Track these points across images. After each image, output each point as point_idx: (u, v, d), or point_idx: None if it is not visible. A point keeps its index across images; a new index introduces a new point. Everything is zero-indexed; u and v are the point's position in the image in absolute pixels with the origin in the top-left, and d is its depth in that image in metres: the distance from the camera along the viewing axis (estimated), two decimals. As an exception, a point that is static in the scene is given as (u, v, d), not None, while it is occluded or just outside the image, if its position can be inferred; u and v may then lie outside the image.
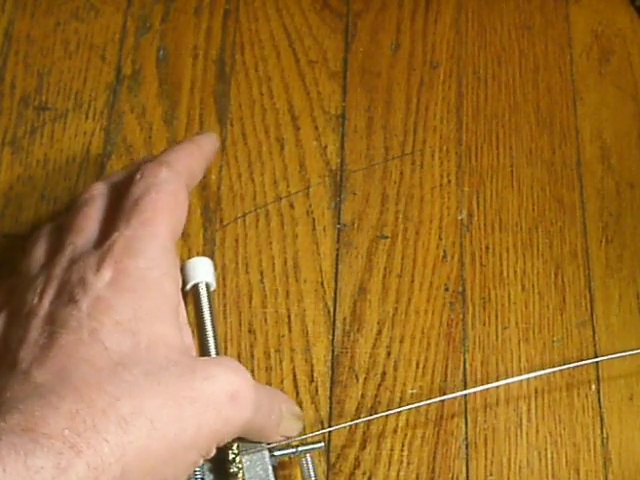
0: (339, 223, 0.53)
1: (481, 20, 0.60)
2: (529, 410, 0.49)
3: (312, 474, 0.43)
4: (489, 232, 0.53)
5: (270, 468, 0.42)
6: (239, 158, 0.55)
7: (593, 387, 0.49)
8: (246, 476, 0.42)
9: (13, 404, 0.35)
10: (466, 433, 0.48)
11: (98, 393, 0.36)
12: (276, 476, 0.42)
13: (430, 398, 0.48)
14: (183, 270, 0.48)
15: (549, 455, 0.48)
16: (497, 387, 0.48)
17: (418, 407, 0.47)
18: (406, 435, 0.48)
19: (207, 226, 0.53)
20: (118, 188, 0.45)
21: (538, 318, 0.51)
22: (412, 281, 0.52)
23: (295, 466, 0.46)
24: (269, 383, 0.48)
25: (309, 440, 0.43)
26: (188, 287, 0.47)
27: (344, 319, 0.50)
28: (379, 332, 0.50)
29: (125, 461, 0.35)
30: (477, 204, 0.54)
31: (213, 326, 0.47)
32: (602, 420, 0.49)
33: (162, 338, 0.39)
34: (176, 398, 0.37)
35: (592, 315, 0.51)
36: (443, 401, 0.48)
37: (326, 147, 0.55)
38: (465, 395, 0.48)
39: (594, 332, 0.51)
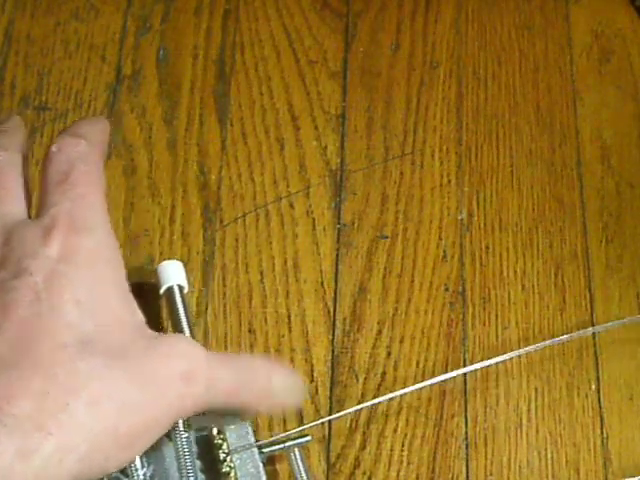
0: (339, 223, 0.53)
1: (481, 20, 0.60)
2: (529, 410, 0.49)
3: (301, 469, 0.43)
4: (489, 232, 0.53)
5: (261, 465, 0.43)
6: (239, 158, 0.55)
7: (593, 387, 0.49)
8: (238, 474, 0.42)
9: None
10: (466, 433, 0.48)
11: (69, 372, 0.35)
12: (266, 472, 0.43)
13: (430, 398, 0.48)
14: (155, 274, 0.47)
15: (549, 455, 0.48)
16: (496, 364, 0.47)
17: (421, 388, 0.46)
18: (406, 435, 0.48)
19: (207, 226, 0.53)
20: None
21: (538, 318, 0.51)
22: (412, 281, 0.52)
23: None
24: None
25: (294, 435, 0.44)
26: (162, 290, 0.47)
27: (344, 319, 0.50)
28: (379, 332, 0.50)
29: (92, 441, 0.35)
30: (477, 204, 0.54)
31: (190, 328, 0.46)
32: (602, 420, 0.49)
33: (119, 318, 0.39)
34: (139, 378, 0.37)
35: (592, 315, 0.51)
36: (444, 394, 0.48)
37: (326, 147, 0.55)
38: (465, 374, 0.48)
39: (594, 332, 0.51)
